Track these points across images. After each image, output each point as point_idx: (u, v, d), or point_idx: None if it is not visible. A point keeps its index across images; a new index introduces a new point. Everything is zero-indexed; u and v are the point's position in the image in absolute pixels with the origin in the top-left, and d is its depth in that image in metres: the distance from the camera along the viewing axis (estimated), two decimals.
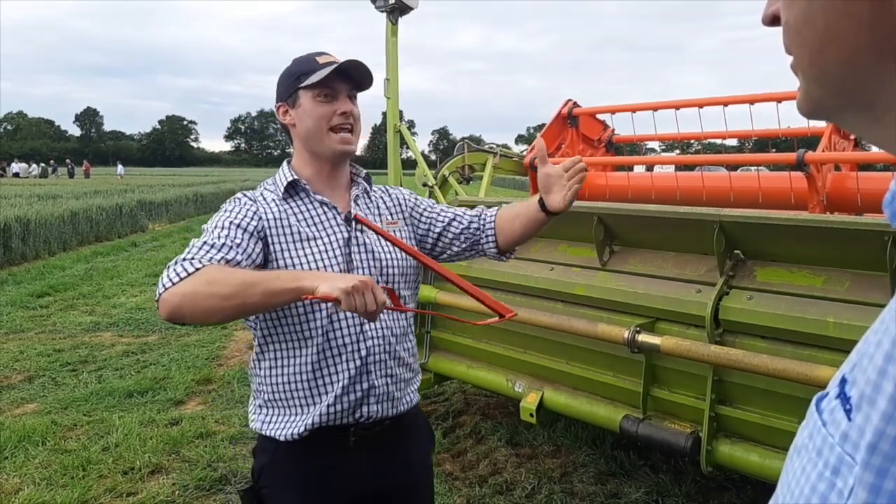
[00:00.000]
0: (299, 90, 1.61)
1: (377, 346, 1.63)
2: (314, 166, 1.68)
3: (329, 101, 1.60)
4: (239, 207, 1.59)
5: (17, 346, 6.04)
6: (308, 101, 1.61)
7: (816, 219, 2.51)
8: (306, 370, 1.60)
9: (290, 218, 1.61)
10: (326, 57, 1.63)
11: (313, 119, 1.61)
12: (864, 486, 0.37)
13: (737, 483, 3.39)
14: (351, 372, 1.60)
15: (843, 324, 2.23)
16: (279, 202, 1.63)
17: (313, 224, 1.63)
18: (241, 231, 1.53)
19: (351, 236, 1.65)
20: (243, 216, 1.56)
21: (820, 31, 0.41)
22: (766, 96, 4.15)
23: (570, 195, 1.66)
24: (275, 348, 1.62)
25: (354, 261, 1.63)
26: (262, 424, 1.65)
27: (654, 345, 2.58)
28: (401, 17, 3.71)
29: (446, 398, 4.72)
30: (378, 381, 1.64)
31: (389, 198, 1.82)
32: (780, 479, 0.47)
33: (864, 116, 0.43)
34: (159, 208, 17.77)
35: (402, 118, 4.08)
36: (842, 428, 0.40)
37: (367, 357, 1.62)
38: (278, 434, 1.62)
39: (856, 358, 0.42)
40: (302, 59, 1.65)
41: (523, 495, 3.34)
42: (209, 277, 1.40)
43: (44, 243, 11.33)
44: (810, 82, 0.45)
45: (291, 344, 1.60)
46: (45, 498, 3.30)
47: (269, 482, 1.64)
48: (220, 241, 1.50)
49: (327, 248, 1.61)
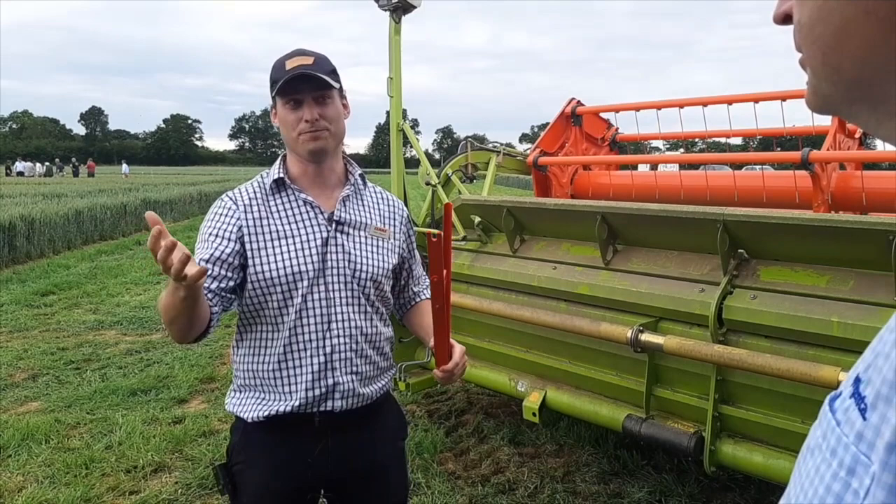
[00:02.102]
0: (275, 97, 1.69)
1: (343, 343, 1.70)
2: (300, 165, 1.75)
3: (295, 109, 1.67)
4: (220, 215, 1.69)
5: (21, 344, 6.06)
6: (281, 109, 1.69)
7: (821, 218, 2.50)
8: (273, 361, 1.68)
9: (271, 216, 1.69)
10: (295, 60, 1.67)
11: (284, 125, 1.70)
12: (882, 486, 0.36)
13: (740, 483, 3.38)
14: (314, 367, 1.67)
15: (847, 323, 2.22)
16: (264, 199, 1.71)
17: (294, 222, 1.70)
18: (221, 240, 1.65)
19: (329, 237, 1.70)
20: (223, 224, 1.67)
21: (835, 28, 0.41)
22: (771, 95, 4.13)
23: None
24: (251, 336, 1.72)
25: (328, 261, 1.69)
26: (234, 405, 1.75)
27: (657, 344, 2.57)
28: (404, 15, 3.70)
29: (449, 397, 4.71)
30: (343, 377, 1.70)
31: (387, 206, 1.86)
32: (792, 479, 0.47)
33: (877, 113, 0.43)
34: (164, 207, 17.81)
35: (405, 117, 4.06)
36: (857, 427, 0.40)
37: (332, 354, 1.69)
38: (246, 415, 1.71)
39: (871, 357, 0.42)
40: (276, 64, 1.69)
41: (526, 494, 3.33)
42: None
43: (48, 242, 11.38)
44: (821, 79, 0.45)
45: (264, 335, 1.70)
46: (49, 496, 3.31)
47: (240, 459, 1.75)
48: (204, 254, 1.63)
49: (303, 246, 1.68)
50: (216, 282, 1.62)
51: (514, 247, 3.42)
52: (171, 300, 1.45)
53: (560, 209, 3.19)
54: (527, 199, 3.60)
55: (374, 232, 1.78)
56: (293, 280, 1.65)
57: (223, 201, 1.73)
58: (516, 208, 3.37)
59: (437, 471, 3.57)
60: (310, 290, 1.67)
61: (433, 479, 3.47)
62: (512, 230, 3.40)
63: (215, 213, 1.71)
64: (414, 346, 3.83)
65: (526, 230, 3.45)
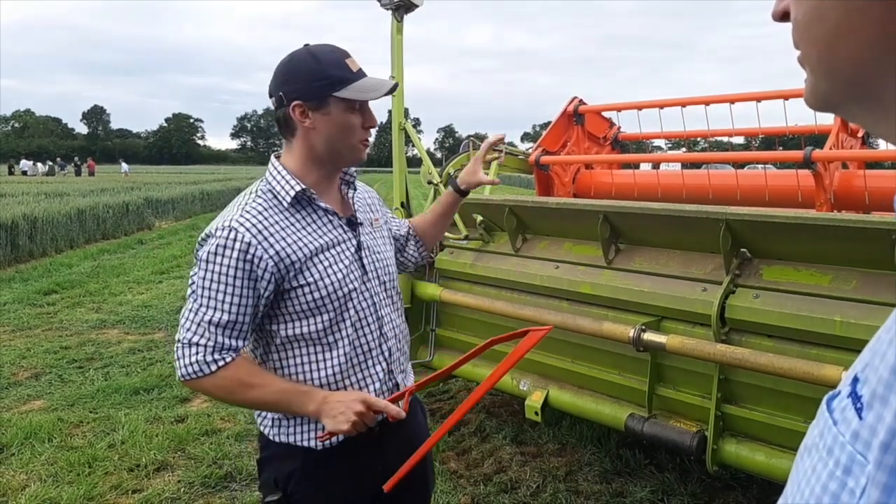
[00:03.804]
0: (330, 97, 1.51)
1: (395, 345, 1.70)
2: (320, 171, 1.59)
3: (359, 113, 1.56)
4: (229, 259, 1.46)
5: (23, 343, 6.07)
6: (340, 111, 1.52)
7: (823, 217, 2.50)
8: (332, 379, 1.58)
9: (299, 234, 1.53)
10: (353, 61, 1.55)
11: (345, 129, 1.54)
12: (877, 485, 0.36)
13: (742, 482, 3.38)
14: (380, 375, 1.65)
15: (850, 323, 2.22)
16: (281, 215, 1.53)
17: (325, 233, 1.57)
18: (239, 288, 1.47)
19: (360, 241, 1.64)
20: (237, 270, 1.46)
21: (830, 26, 0.41)
22: (773, 94, 4.12)
23: (480, 176, 1.97)
24: (297, 353, 1.58)
25: (367, 265, 1.64)
26: (287, 434, 1.60)
27: (659, 343, 2.57)
28: (406, 14, 3.70)
29: (451, 396, 4.71)
30: (399, 377, 1.72)
31: (367, 194, 1.82)
32: (789, 478, 0.47)
33: (874, 111, 0.43)
34: (166, 206, 17.83)
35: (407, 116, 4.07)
36: (853, 427, 0.40)
37: (391, 357, 1.68)
38: (309, 442, 1.59)
39: (868, 357, 0.42)
40: (330, 60, 1.52)
41: (528, 493, 3.33)
42: (238, 381, 1.51)
43: (51, 241, 11.40)
44: (819, 77, 0.45)
45: (314, 355, 1.58)
46: (52, 494, 3.31)
47: (301, 488, 1.60)
48: (223, 315, 1.47)
49: (341, 256, 1.58)
50: (242, 340, 1.52)
51: (517, 246, 3.42)
52: (272, 406, 1.56)
53: (562, 208, 3.19)
54: (529, 199, 3.59)
55: (376, 224, 1.75)
56: (344, 295, 1.56)
57: (235, 234, 1.46)
58: (518, 207, 3.37)
59: (440, 469, 3.57)
60: (360, 300, 1.60)
61: (435, 478, 3.47)
62: (514, 229, 3.40)
63: (226, 255, 1.46)
64: (416, 345, 3.84)
65: (528, 229, 3.45)
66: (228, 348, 1.50)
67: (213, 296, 1.47)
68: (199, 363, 1.48)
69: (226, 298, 1.47)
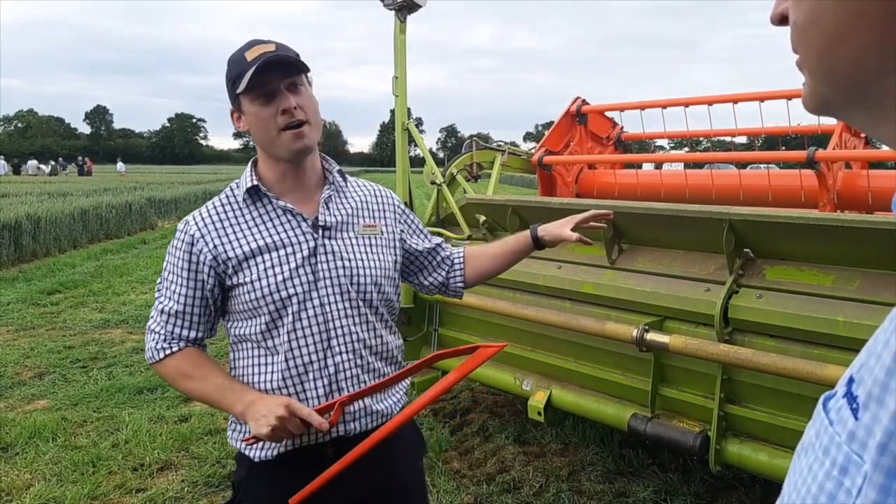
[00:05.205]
0: (239, 96, 1.49)
1: (347, 360, 1.53)
2: (277, 170, 1.55)
3: (268, 102, 1.46)
4: (178, 251, 1.53)
5: (27, 342, 6.09)
6: (249, 106, 1.49)
7: (827, 217, 2.50)
8: (276, 383, 1.51)
9: (247, 231, 1.51)
10: (257, 49, 1.47)
11: (258, 125, 1.49)
12: (873, 486, 0.36)
13: (745, 482, 3.37)
14: (318, 392, 1.51)
15: (853, 323, 2.21)
16: (235, 212, 1.53)
17: (275, 234, 1.51)
18: (186, 279, 1.52)
19: (318, 245, 1.53)
20: (183, 262, 1.52)
21: (829, 29, 0.41)
22: (776, 94, 4.12)
23: (567, 233, 1.92)
24: (244, 362, 1.57)
25: (321, 271, 1.52)
26: (236, 440, 1.58)
27: (662, 343, 2.57)
28: (409, 14, 3.70)
29: (454, 396, 4.71)
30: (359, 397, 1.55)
31: (375, 199, 1.69)
32: (786, 478, 0.47)
33: (873, 114, 0.43)
34: (168, 206, 17.86)
35: (410, 116, 4.07)
36: (849, 427, 0.40)
37: (336, 374, 1.52)
38: (251, 453, 1.55)
39: (864, 357, 0.42)
40: (234, 59, 1.50)
41: (531, 493, 3.33)
42: (180, 371, 1.54)
43: (54, 241, 11.42)
44: (818, 80, 0.45)
45: (257, 360, 1.54)
46: (56, 493, 3.32)
47: (246, 497, 1.58)
48: (174, 304, 1.54)
49: (289, 258, 1.50)
50: (193, 331, 1.54)
51: None
52: (207, 399, 1.56)
53: (565, 208, 3.19)
54: (532, 199, 3.60)
55: (364, 230, 1.60)
56: (280, 300, 1.48)
57: (186, 226, 1.53)
58: (521, 207, 3.37)
59: (442, 469, 3.57)
60: (302, 307, 1.49)
61: (438, 478, 3.48)
62: (517, 229, 3.40)
63: (177, 246, 1.53)
64: (419, 345, 3.84)
65: None
66: (178, 338, 1.54)
67: (168, 286, 1.55)
68: (152, 349, 1.56)
69: (177, 290, 1.53)
